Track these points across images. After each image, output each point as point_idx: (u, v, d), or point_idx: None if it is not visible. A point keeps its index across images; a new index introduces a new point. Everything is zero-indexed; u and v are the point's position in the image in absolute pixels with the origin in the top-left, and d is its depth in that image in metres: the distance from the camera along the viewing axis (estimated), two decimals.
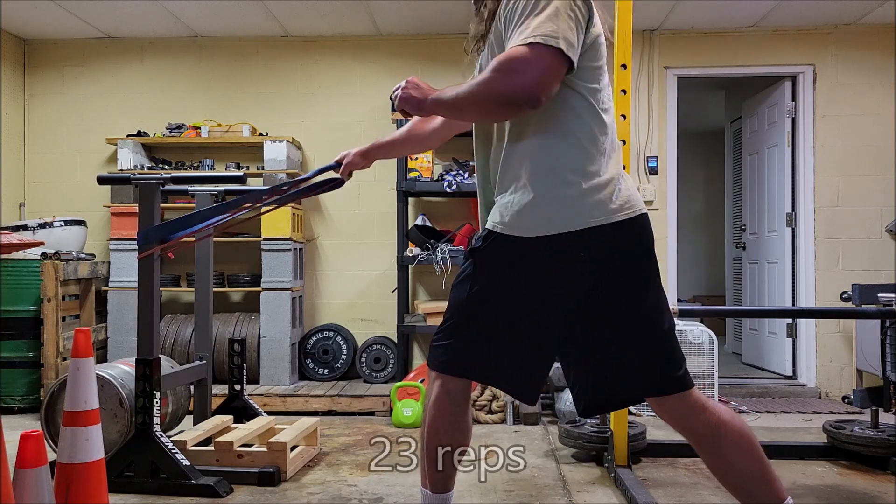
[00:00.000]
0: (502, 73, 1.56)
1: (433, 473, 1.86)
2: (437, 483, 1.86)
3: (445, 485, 1.87)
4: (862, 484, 2.86)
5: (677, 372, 1.76)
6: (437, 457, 1.84)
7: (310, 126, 4.99)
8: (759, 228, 5.48)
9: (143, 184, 2.85)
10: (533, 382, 1.80)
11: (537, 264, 1.69)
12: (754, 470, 1.72)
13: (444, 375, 1.80)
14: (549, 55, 1.55)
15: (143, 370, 2.74)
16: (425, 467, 1.86)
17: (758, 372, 5.29)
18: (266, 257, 4.51)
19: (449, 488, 1.87)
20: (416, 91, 1.76)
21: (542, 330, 1.74)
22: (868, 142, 4.83)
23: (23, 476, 1.74)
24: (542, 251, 1.68)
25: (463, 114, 1.78)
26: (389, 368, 4.66)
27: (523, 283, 1.71)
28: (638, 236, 1.73)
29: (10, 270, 4.23)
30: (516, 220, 1.70)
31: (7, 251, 3.34)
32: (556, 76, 1.58)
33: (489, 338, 1.74)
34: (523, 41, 1.56)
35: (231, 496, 2.70)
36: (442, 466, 1.85)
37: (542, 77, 1.54)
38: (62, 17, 4.64)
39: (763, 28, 4.87)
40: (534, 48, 1.54)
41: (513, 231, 1.70)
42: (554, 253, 1.68)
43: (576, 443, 3.17)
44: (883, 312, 3.01)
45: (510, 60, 1.56)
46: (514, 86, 1.55)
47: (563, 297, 1.72)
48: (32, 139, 5.12)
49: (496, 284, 1.73)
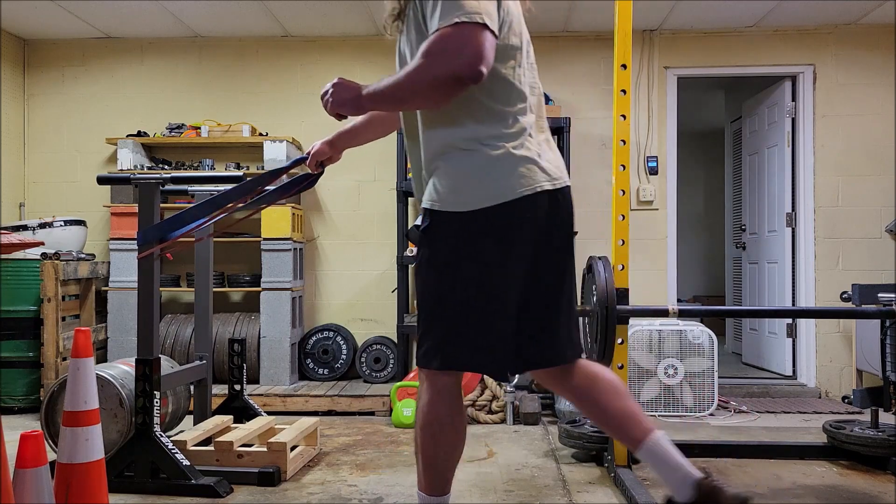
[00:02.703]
0: (438, 54, 1.60)
1: (430, 477, 1.85)
2: (434, 486, 1.85)
3: (443, 488, 1.86)
4: (862, 484, 2.86)
5: (579, 340, 1.91)
6: (434, 460, 1.84)
7: (310, 126, 4.99)
8: (759, 228, 5.48)
9: (142, 184, 2.85)
10: (511, 357, 1.83)
11: (481, 237, 1.73)
12: (627, 409, 1.85)
13: (431, 373, 1.80)
14: (477, 30, 1.58)
15: (143, 370, 2.73)
16: (421, 471, 1.86)
17: (758, 372, 5.29)
18: (266, 257, 4.51)
19: (446, 491, 1.87)
20: (345, 92, 1.78)
21: (509, 299, 1.77)
22: (868, 142, 4.83)
23: (23, 476, 1.74)
24: (483, 223, 1.72)
25: (406, 102, 1.79)
26: (389, 368, 4.66)
27: (477, 257, 1.74)
28: (569, 206, 1.87)
29: (10, 270, 4.23)
30: (452, 197, 1.73)
31: (7, 251, 3.34)
32: (491, 48, 1.62)
33: (465, 321, 1.75)
34: (449, 21, 1.59)
35: (231, 496, 2.70)
36: (439, 469, 1.85)
37: (479, 51, 1.58)
38: (62, 17, 4.64)
39: (763, 28, 4.87)
40: (462, 27, 1.58)
41: (453, 207, 1.73)
42: (495, 223, 1.73)
43: (576, 443, 3.17)
44: (883, 312, 3.01)
45: (442, 41, 1.60)
46: (455, 65, 1.58)
47: (515, 264, 1.77)
48: (32, 139, 5.12)
49: (453, 263, 1.75)
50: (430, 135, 1.79)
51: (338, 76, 1.83)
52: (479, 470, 3.06)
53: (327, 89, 1.80)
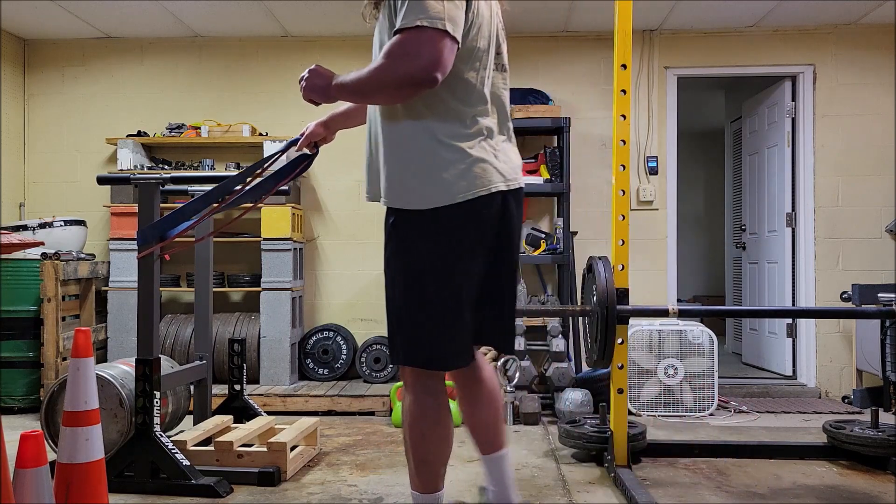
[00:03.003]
0: (398, 57, 1.66)
1: (423, 474, 1.85)
2: (427, 484, 1.87)
3: (436, 484, 1.88)
4: (862, 484, 2.86)
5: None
6: (425, 457, 1.84)
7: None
8: (759, 228, 5.48)
9: (142, 184, 2.86)
10: (471, 345, 1.91)
11: (440, 234, 1.79)
12: (497, 418, 2.06)
13: (413, 370, 1.82)
14: (437, 36, 1.63)
15: (143, 370, 2.74)
16: (413, 470, 1.86)
17: (758, 372, 5.29)
18: (266, 257, 4.51)
19: (440, 487, 1.89)
20: (318, 79, 1.88)
21: (470, 294, 1.84)
22: (868, 142, 4.84)
23: (23, 476, 1.74)
24: (443, 221, 1.79)
25: (367, 98, 1.87)
26: (389, 368, 4.66)
27: (438, 252, 1.79)
28: (520, 205, 1.94)
29: (10, 270, 4.23)
30: (411, 195, 1.79)
31: (7, 251, 3.33)
32: (450, 54, 1.66)
33: (432, 315, 1.80)
34: (411, 24, 1.63)
35: (231, 496, 2.70)
36: (431, 466, 1.85)
37: (436, 57, 1.64)
38: (62, 17, 4.64)
39: (763, 28, 4.87)
40: (422, 31, 1.62)
41: (413, 205, 1.79)
42: (453, 222, 1.79)
43: (576, 443, 3.17)
44: (883, 312, 3.01)
45: (402, 44, 1.65)
46: (411, 68, 1.64)
47: (474, 259, 1.83)
48: (32, 139, 5.12)
49: (416, 258, 1.81)
50: (390, 127, 1.84)
51: (316, 63, 1.87)
52: (479, 470, 3.06)
53: (304, 75, 1.88)
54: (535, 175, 4.60)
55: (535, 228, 4.68)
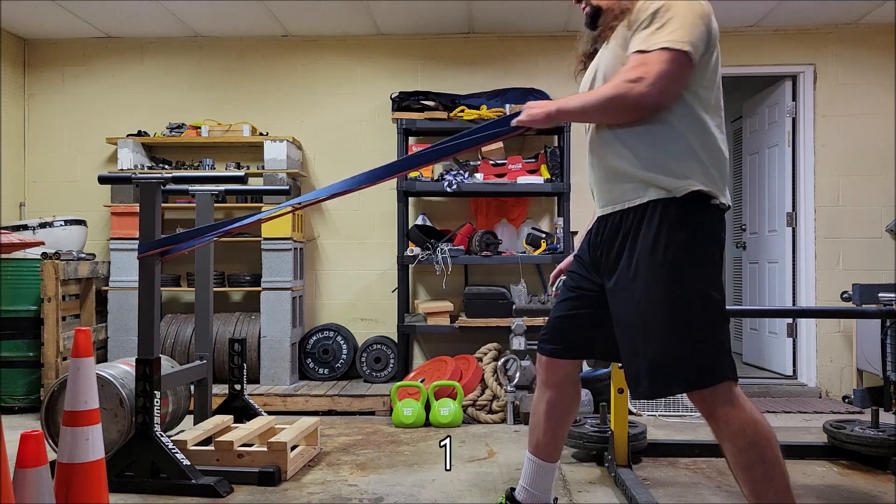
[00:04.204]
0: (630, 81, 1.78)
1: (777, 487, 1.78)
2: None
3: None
4: (862, 484, 2.86)
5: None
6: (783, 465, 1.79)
7: (310, 126, 4.99)
8: (760, 228, 5.48)
9: (143, 183, 2.85)
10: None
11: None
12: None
13: (731, 385, 1.83)
14: (676, 59, 1.77)
15: (143, 370, 2.73)
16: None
17: (758, 372, 5.29)
18: (266, 257, 4.51)
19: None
20: (537, 108, 1.96)
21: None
22: (868, 142, 4.83)
23: (23, 476, 1.74)
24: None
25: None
26: (390, 368, 4.66)
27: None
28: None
29: (11, 270, 4.23)
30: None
31: (7, 251, 3.33)
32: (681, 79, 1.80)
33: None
34: (653, 45, 1.77)
35: (231, 496, 2.70)
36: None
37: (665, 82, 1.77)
38: (62, 16, 4.64)
39: (763, 28, 4.87)
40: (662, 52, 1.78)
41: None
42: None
43: (576, 443, 3.17)
44: (883, 312, 3.01)
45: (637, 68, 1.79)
46: (639, 93, 1.77)
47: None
48: (33, 139, 5.12)
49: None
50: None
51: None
52: (480, 469, 3.06)
53: (517, 113, 2.03)
54: (536, 175, 4.60)
55: (536, 228, 4.68)
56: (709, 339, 1.81)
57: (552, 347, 2.13)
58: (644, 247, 1.84)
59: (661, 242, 1.81)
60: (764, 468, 1.74)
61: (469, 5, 4.46)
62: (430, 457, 3.27)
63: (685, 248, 1.80)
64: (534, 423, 2.20)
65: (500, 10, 4.52)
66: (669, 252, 1.80)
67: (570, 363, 2.14)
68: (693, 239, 1.81)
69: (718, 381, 1.79)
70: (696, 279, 1.80)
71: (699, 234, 1.82)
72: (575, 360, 2.15)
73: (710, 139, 1.85)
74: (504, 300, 4.43)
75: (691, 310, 1.80)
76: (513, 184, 4.54)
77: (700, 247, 1.82)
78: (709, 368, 1.79)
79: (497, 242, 4.54)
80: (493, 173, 4.65)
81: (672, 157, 1.83)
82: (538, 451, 2.19)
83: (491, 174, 4.64)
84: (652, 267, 1.82)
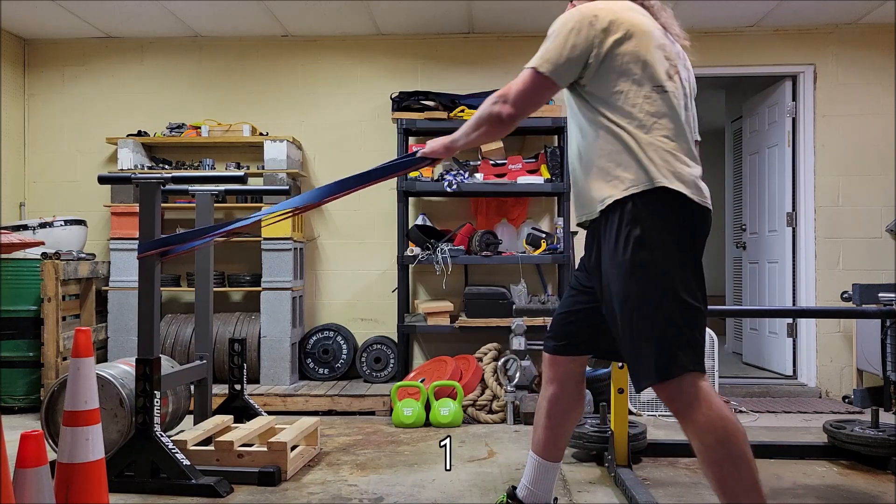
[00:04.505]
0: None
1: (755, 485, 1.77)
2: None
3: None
4: (862, 484, 2.86)
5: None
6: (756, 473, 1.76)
7: (310, 126, 4.99)
8: (760, 228, 5.48)
9: (143, 183, 2.85)
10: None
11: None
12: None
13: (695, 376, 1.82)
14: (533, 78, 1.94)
15: (143, 370, 2.73)
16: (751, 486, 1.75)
17: (758, 372, 5.29)
18: (266, 257, 4.51)
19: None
20: (435, 143, 2.19)
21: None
22: (868, 142, 4.83)
23: (23, 476, 1.74)
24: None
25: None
26: (390, 368, 4.66)
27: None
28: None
29: (11, 270, 4.23)
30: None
31: (7, 251, 3.33)
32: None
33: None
34: (525, 65, 1.95)
35: (231, 496, 2.70)
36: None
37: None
38: (62, 16, 4.64)
39: (763, 28, 4.87)
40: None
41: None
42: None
43: (576, 443, 3.17)
44: (883, 312, 3.01)
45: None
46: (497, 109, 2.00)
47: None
48: (33, 139, 5.12)
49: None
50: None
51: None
52: (480, 469, 3.06)
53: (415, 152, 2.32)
54: (536, 175, 4.60)
55: (536, 228, 4.68)
56: (666, 332, 1.81)
57: (555, 344, 2.17)
58: (607, 250, 1.90)
59: (620, 243, 1.86)
60: (732, 465, 1.72)
61: (469, 5, 4.46)
62: (430, 457, 3.27)
63: (640, 243, 1.83)
64: (536, 419, 2.22)
65: (500, 10, 4.52)
66: (627, 251, 1.84)
67: (572, 360, 2.15)
68: (648, 233, 1.84)
69: (676, 375, 1.79)
70: (653, 273, 1.83)
71: (654, 227, 1.85)
72: (577, 356, 2.16)
73: (638, 133, 1.89)
74: (504, 300, 4.43)
75: (644, 305, 1.82)
76: (513, 184, 4.55)
77: (656, 240, 1.84)
78: (664, 364, 1.79)
79: (497, 242, 4.54)
80: (493, 173, 4.65)
81: (615, 163, 1.90)
82: (540, 449, 2.20)
83: (491, 174, 4.64)
84: (614, 267, 1.88)
